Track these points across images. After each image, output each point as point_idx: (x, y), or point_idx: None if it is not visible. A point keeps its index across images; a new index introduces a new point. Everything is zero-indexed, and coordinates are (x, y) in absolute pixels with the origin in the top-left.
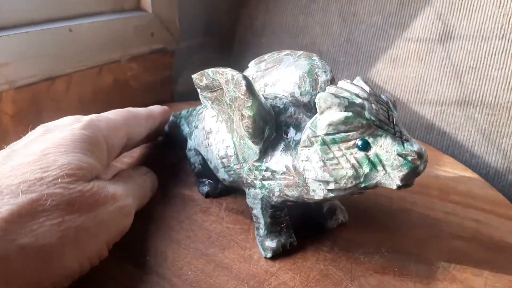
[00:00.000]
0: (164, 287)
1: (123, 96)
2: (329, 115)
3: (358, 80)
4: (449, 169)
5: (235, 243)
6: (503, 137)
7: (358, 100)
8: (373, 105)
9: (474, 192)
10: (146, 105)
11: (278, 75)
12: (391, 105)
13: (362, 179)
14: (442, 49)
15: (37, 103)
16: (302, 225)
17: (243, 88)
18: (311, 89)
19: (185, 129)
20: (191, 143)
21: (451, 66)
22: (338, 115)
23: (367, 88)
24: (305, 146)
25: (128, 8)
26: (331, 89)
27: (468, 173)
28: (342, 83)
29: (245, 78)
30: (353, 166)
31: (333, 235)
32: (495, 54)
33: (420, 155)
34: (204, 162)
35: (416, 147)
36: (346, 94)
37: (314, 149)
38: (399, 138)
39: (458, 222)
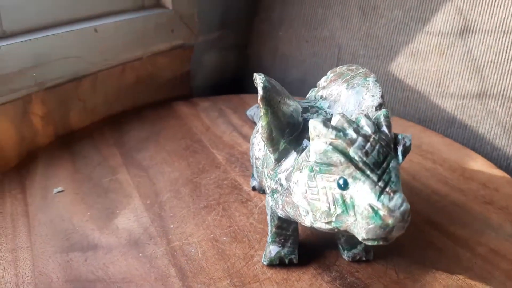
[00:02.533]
0: (165, 254)
1: (145, 93)
2: (315, 143)
3: (382, 112)
4: None
5: (248, 240)
6: None
7: (352, 135)
8: (369, 144)
9: None
10: (167, 101)
11: (332, 90)
12: (399, 151)
13: (333, 219)
14: (463, 44)
15: (65, 103)
16: (319, 246)
17: (259, 97)
18: (354, 111)
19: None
20: (251, 137)
21: (472, 60)
22: (320, 145)
23: (383, 125)
24: (298, 169)
25: (148, 5)
26: (336, 117)
27: None
28: (361, 116)
29: (263, 88)
30: (328, 202)
31: (344, 269)
32: None
33: (392, 213)
34: None
35: (392, 203)
36: (343, 125)
37: (303, 174)
38: (380, 188)
39: None
